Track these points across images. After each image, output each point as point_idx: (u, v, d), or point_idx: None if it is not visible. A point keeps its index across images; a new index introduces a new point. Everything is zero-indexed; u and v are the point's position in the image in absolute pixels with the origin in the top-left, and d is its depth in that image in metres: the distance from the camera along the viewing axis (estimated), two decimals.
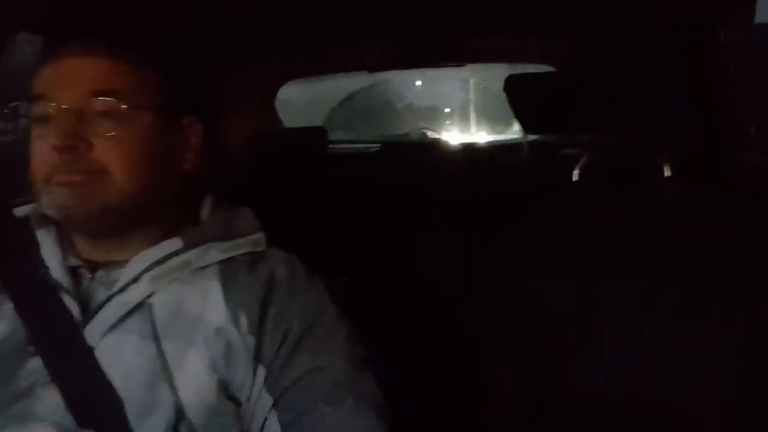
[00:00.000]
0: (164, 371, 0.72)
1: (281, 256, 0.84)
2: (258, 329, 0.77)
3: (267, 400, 0.75)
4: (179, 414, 0.71)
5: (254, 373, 0.76)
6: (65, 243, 0.81)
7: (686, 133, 0.96)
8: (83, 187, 0.73)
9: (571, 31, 1.07)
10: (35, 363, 0.73)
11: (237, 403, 0.75)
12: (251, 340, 0.76)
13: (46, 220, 0.82)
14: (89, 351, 0.73)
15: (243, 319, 0.76)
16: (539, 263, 1.00)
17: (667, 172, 1.01)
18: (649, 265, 0.96)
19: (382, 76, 2.95)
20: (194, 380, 0.73)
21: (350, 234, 1.39)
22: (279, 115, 2.25)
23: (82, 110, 0.74)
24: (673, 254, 0.96)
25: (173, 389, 0.72)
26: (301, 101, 2.67)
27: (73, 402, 0.71)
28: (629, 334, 0.94)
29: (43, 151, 0.74)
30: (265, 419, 0.75)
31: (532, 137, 2.13)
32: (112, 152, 0.74)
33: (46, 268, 0.78)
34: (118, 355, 0.73)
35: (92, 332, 0.74)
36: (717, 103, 0.99)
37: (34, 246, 0.80)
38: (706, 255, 0.94)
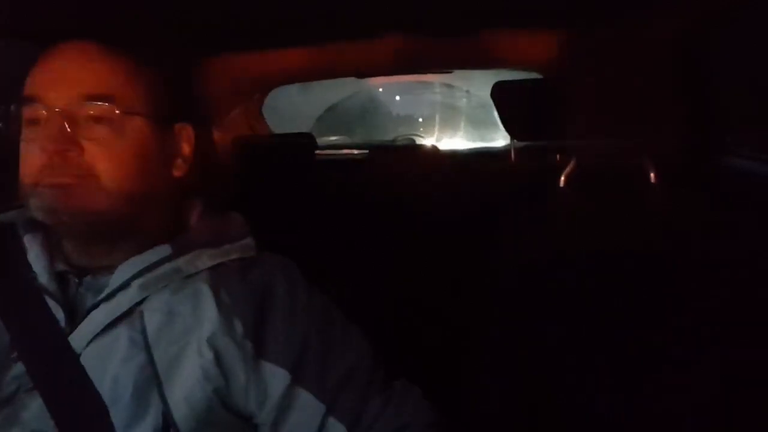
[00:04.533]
0: (154, 380, 0.72)
1: (274, 261, 0.84)
2: (257, 333, 0.76)
3: (306, 400, 0.76)
4: (168, 423, 0.71)
5: (260, 373, 0.76)
6: (53, 248, 0.80)
7: (673, 139, 0.97)
8: (72, 191, 0.72)
9: (558, 36, 1.08)
10: (19, 369, 0.72)
11: (237, 411, 0.75)
12: (249, 345, 0.76)
13: (33, 226, 0.81)
14: (74, 357, 0.73)
15: (237, 326, 0.76)
16: (525, 268, 1.00)
17: (653, 179, 1.01)
18: (634, 271, 0.97)
19: (370, 82, 2.96)
20: (185, 390, 0.72)
21: (339, 239, 1.39)
22: (267, 120, 2.25)
23: (74, 113, 0.73)
24: (659, 261, 0.96)
25: (163, 398, 0.71)
26: (289, 107, 2.67)
27: (57, 409, 0.70)
28: (613, 339, 0.95)
29: (33, 153, 0.73)
30: (322, 425, 0.75)
31: (518, 143, 2.14)
32: (103, 157, 0.74)
33: (33, 273, 0.77)
34: (106, 361, 0.72)
35: (78, 338, 0.73)
36: (703, 109, 1.00)
37: (21, 251, 0.80)
38: (692, 262, 0.95)
